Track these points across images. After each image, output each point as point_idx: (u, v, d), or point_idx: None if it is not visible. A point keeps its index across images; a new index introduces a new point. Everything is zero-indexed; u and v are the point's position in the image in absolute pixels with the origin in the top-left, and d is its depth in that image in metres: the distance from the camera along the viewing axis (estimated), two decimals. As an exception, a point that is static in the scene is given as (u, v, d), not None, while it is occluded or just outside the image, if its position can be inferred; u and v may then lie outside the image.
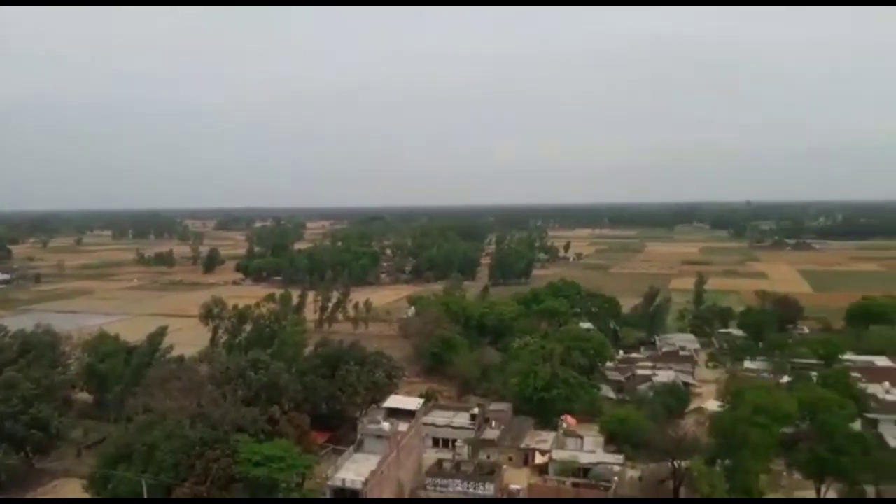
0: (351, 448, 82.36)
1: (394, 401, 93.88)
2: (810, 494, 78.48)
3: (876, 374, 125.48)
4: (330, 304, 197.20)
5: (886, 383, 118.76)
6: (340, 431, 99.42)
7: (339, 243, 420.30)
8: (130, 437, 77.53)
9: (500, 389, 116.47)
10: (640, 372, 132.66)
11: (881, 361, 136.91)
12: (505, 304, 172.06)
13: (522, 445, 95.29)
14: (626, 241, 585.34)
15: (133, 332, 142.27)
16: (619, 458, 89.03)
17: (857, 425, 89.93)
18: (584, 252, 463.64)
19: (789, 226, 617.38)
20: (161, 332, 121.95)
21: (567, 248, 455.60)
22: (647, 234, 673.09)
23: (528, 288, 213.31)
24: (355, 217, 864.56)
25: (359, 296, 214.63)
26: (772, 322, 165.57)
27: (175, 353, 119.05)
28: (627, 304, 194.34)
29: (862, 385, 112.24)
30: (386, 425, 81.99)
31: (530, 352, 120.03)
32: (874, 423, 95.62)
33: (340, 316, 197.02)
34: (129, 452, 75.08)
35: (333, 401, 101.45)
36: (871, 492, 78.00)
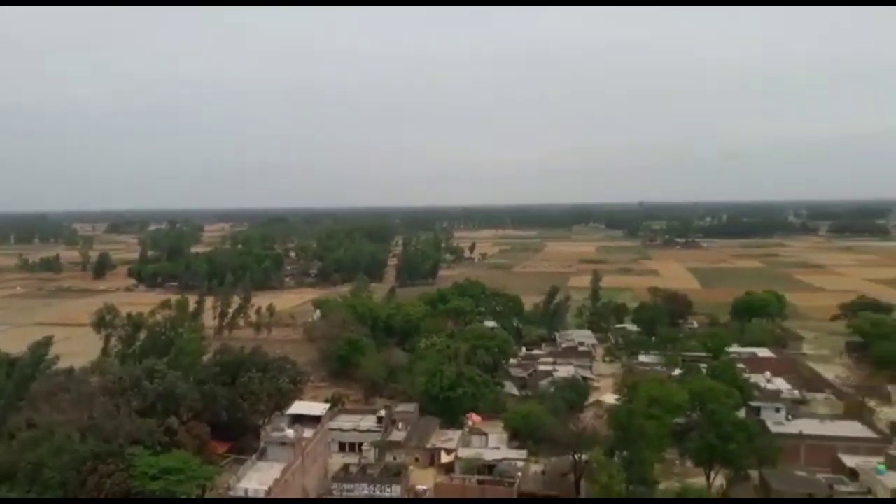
0: (254, 457, 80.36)
1: (298, 407, 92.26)
2: (701, 481, 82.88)
3: (758, 365, 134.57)
4: (230, 310, 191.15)
5: (767, 373, 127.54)
6: (243, 440, 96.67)
7: (240, 246, 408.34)
8: (13, 456, 72.54)
9: (408, 390, 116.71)
10: (541, 368, 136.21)
11: (762, 352, 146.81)
12: (412, 304, 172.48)
13: (429, 445, 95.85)
14: (527, 241, 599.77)
15: (16, 343, 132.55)
16: (523, 453, 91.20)
17: (742, 413, 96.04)
18: (489, 252, 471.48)
19: (679, 225, 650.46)
20: (46, 342, 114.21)
21: (472, 248, 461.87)
22: (548, 234, 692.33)
23: (434, 288, 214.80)
24: (257, 219, 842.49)
25: (261, 300, 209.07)
26: (663, 317, 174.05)
27: (64, 363, 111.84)
28: (529, 302, 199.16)
29: (746, 375, 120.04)
30: (290, 432, 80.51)
31: (437, 351, 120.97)
32: (757, 411, 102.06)
33: (242, 322, 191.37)
34: (12, 472, 70.23)
35: (235, 409, 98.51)
36: (754, 476, 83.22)
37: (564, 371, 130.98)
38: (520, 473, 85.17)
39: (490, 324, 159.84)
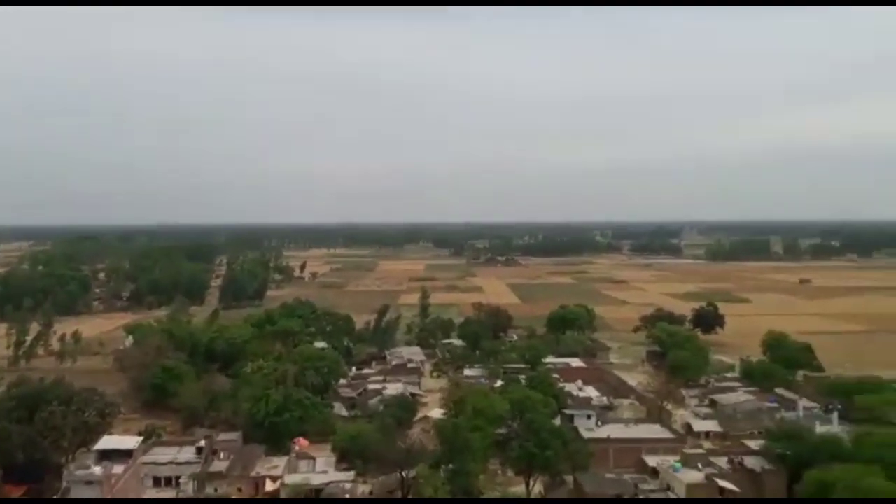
0: (54, 498, 73.09)
1: (107, 441, 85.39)
2: (521, 490, 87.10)
3: (571, 374, 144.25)
4: (28, 338, 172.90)
5: (580, 381, 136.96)
6: (43, 482, 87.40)
7: (41, 267, 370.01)
8: None
9: (231, 418, 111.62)
10: (371, 387, 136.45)
11: (575, 362, 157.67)
12: (237, 327, 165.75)
13: (253, 474, 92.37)
14: (360, 259, 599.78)
15: None
16: (350, 474, 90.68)
17: (557, 421, 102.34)
18: (320, 271, 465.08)
19: (500, 244, 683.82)
20: None
21: (303, 267, 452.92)
22: (379, 253, 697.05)
23: (262, 309, 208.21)
24: (61, 237, 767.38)
25: (66, 327, 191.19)
26: (487, 331, 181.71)
27: None
28: (361, 320, 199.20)
29: (561, 384, 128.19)
30: (97, 469, 74.25)
31: (263, 375, 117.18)
32: (570, 418, 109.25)
33: (42, 351, 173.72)
34: None
35: (33, 448, 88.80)
36: (569, 481, 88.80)
37: (393, 388, 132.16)
38: (347, 495, 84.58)
39: (320, 344, 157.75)
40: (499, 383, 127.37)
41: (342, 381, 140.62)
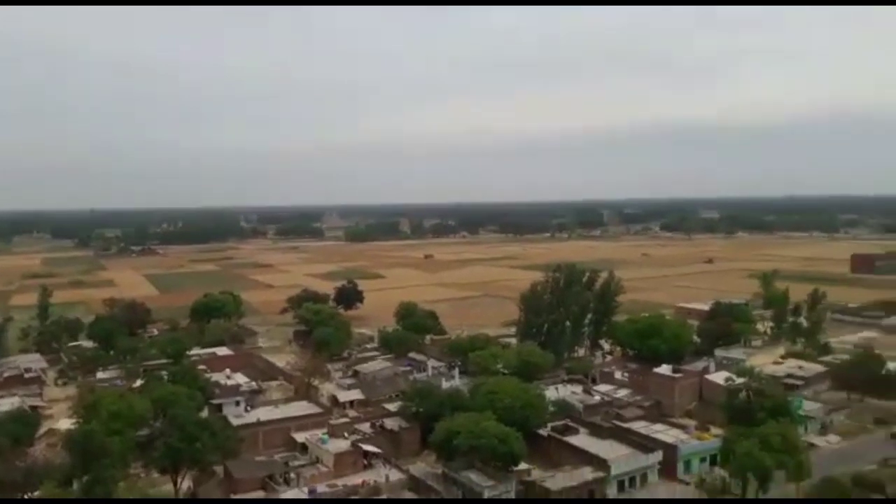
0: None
1: None
2: (169, 488, 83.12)
3: (219, 363, 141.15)
4: None
5: (227, 370, 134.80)
6: None
7: None
8: None
9: None
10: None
11: (222, 351, 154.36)
12: None
13: None
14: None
15: None
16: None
17: (206, 413, 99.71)
18: None
19: (134, 233, 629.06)
20: None
21: None
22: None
23: None
24: None
25: None
26: (122, 328, 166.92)
27: None
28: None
29: (208, 375, 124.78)
30: None
31: None
32: (219, 407, 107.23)
33: None
34: None
35: None
36: (219, 471, 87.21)
37: (8, 403, 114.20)
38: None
39: None
40: (139, 382, 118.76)
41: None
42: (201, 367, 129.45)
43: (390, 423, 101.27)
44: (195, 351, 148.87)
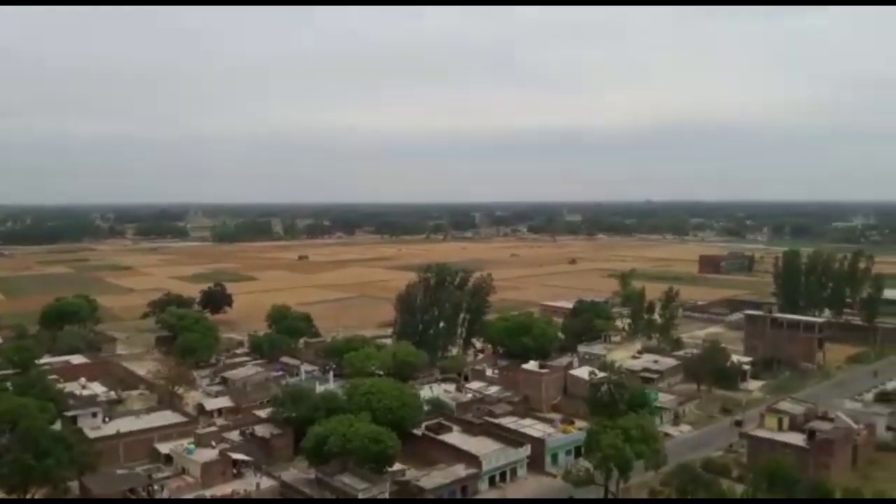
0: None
1: None
2: (15, 506, 77.02)
3: (73, 372, 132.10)
4: None
5: (83, 379, 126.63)
6: None
7: None
8: None
9: None
10: None
11: (77, 359, 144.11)
12: None
13: None
14: None
15: None
16: None
17: (59, 425, 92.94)
18: None
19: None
20: None
21: None
22: None
23: None
24: None
25: None
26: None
27: None
28: None
29: (61, 385, 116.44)
30: None
31: None
32: (74, 420, 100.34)
33: None
34: None
35: None
36: (74, 486, 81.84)
37: None
38: None
39: None
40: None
41: None
42: (53, 376, 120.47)
43: (261, 430, 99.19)
44: (46, 359, 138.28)
